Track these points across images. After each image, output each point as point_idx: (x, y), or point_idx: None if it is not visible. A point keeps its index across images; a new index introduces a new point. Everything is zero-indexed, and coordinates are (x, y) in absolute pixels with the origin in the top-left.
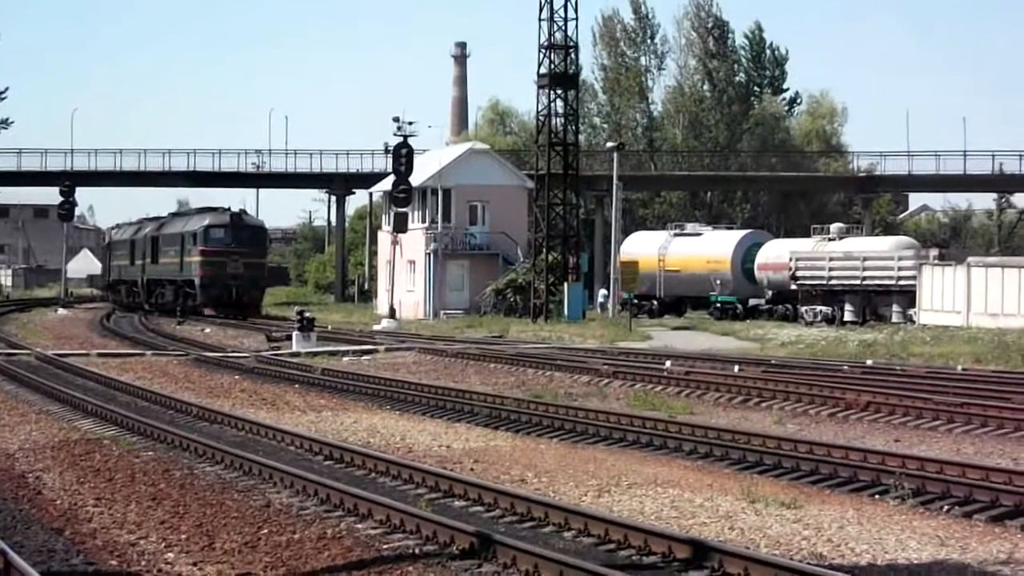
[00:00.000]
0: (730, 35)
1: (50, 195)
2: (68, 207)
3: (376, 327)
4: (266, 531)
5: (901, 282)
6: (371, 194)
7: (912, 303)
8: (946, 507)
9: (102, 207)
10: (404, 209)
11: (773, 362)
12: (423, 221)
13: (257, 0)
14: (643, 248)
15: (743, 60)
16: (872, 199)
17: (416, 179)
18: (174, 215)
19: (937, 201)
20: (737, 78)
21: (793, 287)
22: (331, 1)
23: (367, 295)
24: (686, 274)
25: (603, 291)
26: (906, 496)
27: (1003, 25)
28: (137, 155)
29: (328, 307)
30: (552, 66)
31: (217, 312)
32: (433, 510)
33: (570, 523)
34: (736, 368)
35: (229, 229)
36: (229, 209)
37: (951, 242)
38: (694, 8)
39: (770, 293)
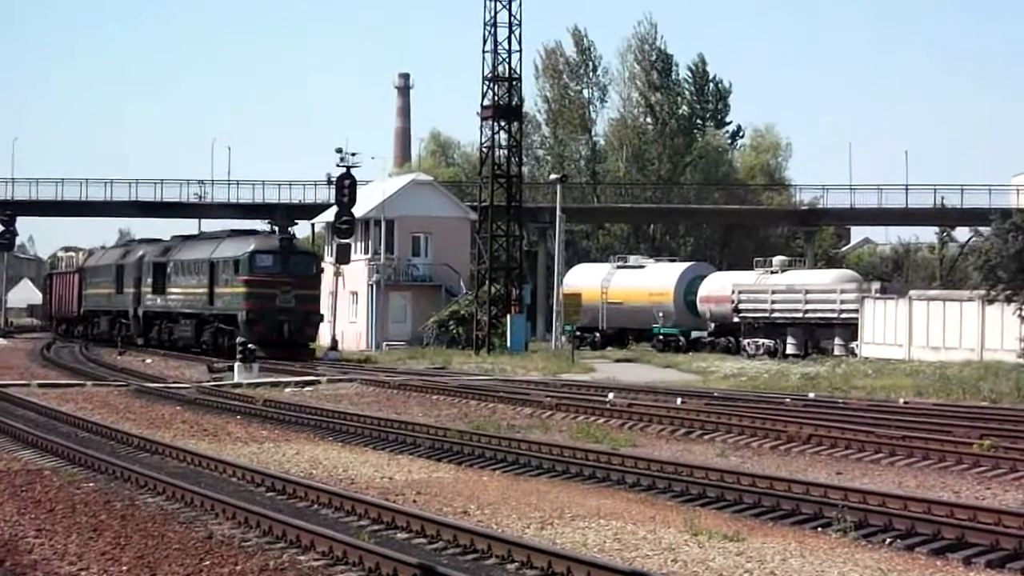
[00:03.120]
0: (674, 68)
1: None
2: (8, 236)
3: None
4: (208, 563)
5: (843, 315)
6: (313, 225)
7: (854, 336)
8: (888, 540)
9: (42, 237)
10: (347, 240)
11: (716, 394)
12: (366, 252)
13: (200, 31)
14: (586, 280)
15: (686, 93)
16: (814, 232)
17: (359, 210)
18: (188, 238)
19: (879, 234)
20: (680, 111)
21: (735, 320)
22: (275, 31)
23: None
24: (628, 306)
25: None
26: (848, 529)
27: (947, 57)
28: (79, 185)
29: None
30: (496, 98)
31: (266, 353)
32: (376, 542)
33: (513, 555)
34: (679, 400)
35: (278, 255)
36: (275, 232)
37: (893, 275)
38: (638, 41)
39: (712, 326)
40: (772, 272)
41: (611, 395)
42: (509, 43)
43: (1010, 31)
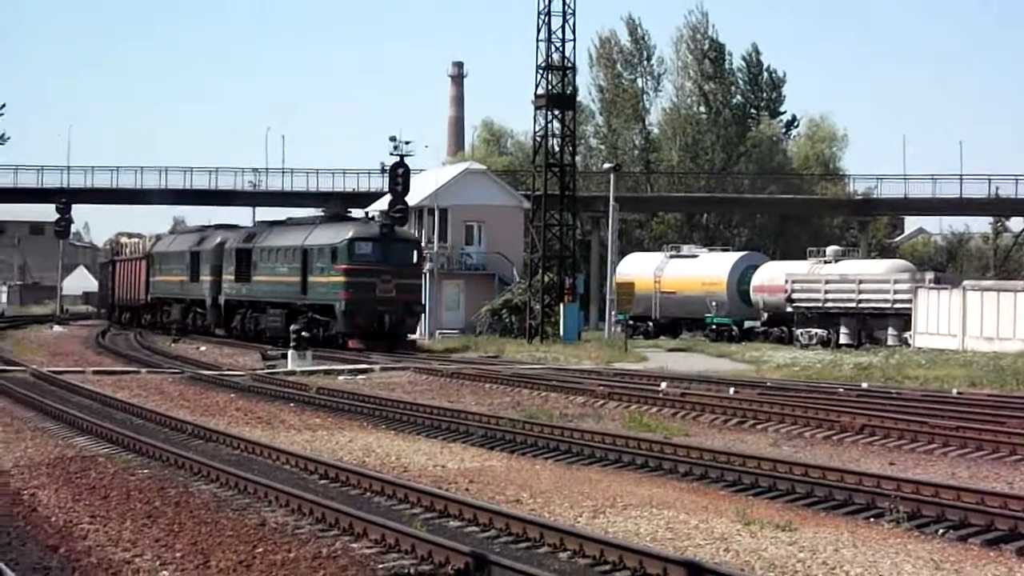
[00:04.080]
0: (727, 57)
1: (46, 212)
2: (64, 224)
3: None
4: (261, 550)
5: (897, 305)
6: (367, 213)
7: (907, 326)
8: (941, 531)
9: (98, 224)
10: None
11: (768, 384)
12: None
13: (255, 20)
14: (639, 269)
15: (740, 83)
16: (868, 222)
17: (412, 199)
18: (275, 224)
19: (933, 224)
20: (734, 100)
21: (789, 309)
22: (329, 20)
23: None
24: (682, 296)
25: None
26: (901, 519)
27: (1001, 49)
28: (134, 173)
29: None
30: (549, 87)
31: (364, 345)
32: (428, 530)
33: (565, 544)
34: (731, 390)
35: (378, 243)
36: (374, 218)
37: (947, 265)
38: (690, 31)
39: (766, 315)
40: (826, 262)
41: (664, 384)
42: (563, 32)
43: None
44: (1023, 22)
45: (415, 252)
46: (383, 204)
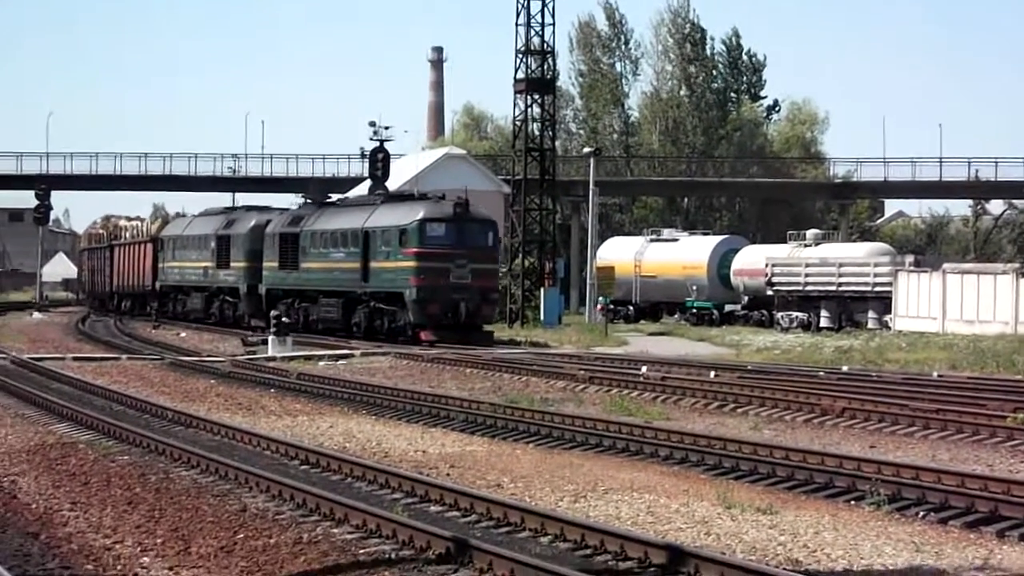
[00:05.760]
0: (708, 42)
1: (25, 199)
2: (43, 210)
3: None
4: (242, 535)
5: (877, 288)
6: (347, 198)
7: (888, 309)
8: (921, 513)
9: (78, 211)
10: None
11: (749, 368)
12: None
13: (234, 5)
14: (619, 254)
15: (720, 66)
16: (849, 205)
17: (392, 184)
18: (326, 205)
19: (913, 207)
20: (715, 84)
21: (769, 293)
22: (308, 6)
23: None
24: (662, 280)
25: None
26: (882, 502)
27: (980, 32)
28: (113, 159)
29: None
30: (529, 71)
31: (437, 336)
32: (409, 515)
33: (546, 528)
34: (712, 374)
35: (452, 224)
36: (444, 197)
37: (927, 248)
38: (671, 15)
39: (746, 299)
40: (806, 245)
41: (644, 368)
42: (543, 16)
43: None
44: (1004, 4)
45: (491, 233)
46: (363, 189)
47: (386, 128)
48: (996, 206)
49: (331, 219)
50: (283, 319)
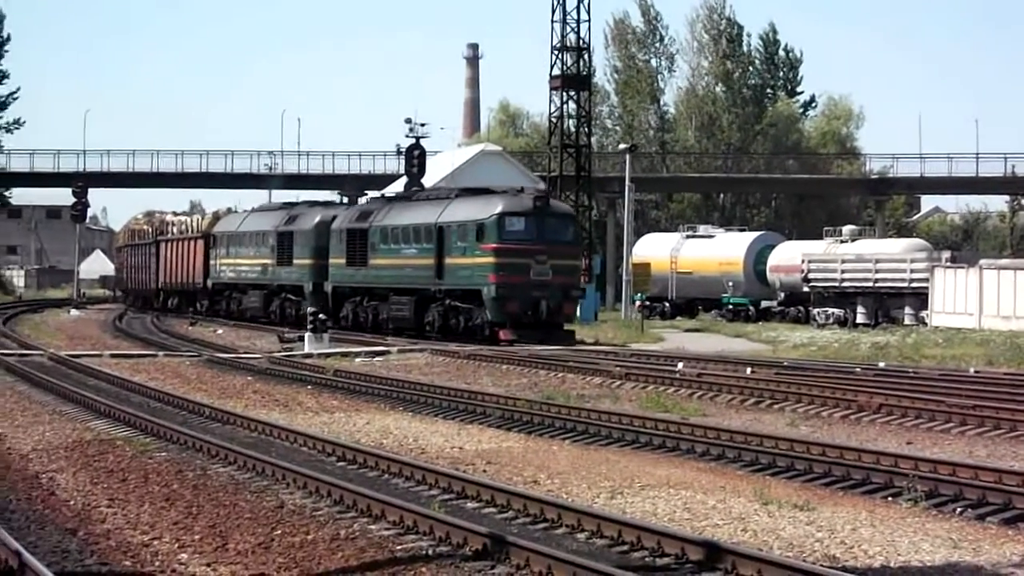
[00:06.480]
0: (745, 37)
1: (63, 196)
2: (81, 208)
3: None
4: (279, 532)
5: (913, 284)
6: (383, 195)
7: (924, 305)
8: (959, 509)
9: (115, 208)
10: None
11: (785, 364)
12: None
13: (271, 3)
14: (655, 250)
15: (756, 62)
16: (885, 201)
17: (428, 180)
18: (395, 199)
19: (949, 203)
20: (751, 80)
21: (805, 289)
22: (344, 3)
23: None
24: (698, 276)
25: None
26: (919, 498)
27: (1018, 26)
28: (150, 156)
29: None
30: (565, 68)
31: (516, 335)
32: (446, 511)
33: (583, 524)
34: (748, 370)
35: (532, 218)
36: (522, 190)
37: (963, 244)
38: (707, 11)
39: (782, 295)
40: (842, 241)
41: (680, 365)
42: (578, 12)
43: None
44: None
45: (572, 228)
46: (399, 186)
47: (422, 125)
48: None
49: (402, 214)
50: (320, 316)
